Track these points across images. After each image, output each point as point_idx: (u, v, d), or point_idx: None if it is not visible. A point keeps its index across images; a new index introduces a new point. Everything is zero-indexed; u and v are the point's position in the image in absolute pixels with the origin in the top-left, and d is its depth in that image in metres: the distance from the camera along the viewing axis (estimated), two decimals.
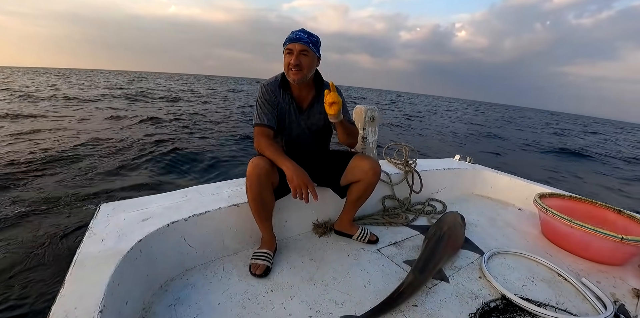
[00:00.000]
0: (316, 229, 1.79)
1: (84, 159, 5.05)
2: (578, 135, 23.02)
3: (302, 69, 1.45)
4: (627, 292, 1.50)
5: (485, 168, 2.88)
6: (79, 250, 1.09)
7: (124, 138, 6.74)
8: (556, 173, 8.53)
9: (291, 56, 1.44)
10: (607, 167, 10.51)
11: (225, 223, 1.50)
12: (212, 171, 5.25)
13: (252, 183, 1.35)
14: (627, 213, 1.99)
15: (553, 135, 19.58)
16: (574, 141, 17.20)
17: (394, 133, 12.26)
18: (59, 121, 8.55)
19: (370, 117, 2.24)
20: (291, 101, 1.57)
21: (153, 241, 1.24)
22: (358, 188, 1.62)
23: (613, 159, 12.32)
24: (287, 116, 1.58)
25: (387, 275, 1.46)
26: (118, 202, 1.47)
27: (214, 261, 1.47)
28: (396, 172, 2.29)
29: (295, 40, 1.43)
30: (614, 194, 7.01)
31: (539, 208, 1.99)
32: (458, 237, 1.74)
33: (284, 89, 1.55)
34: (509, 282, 1.49)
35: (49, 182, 3.92)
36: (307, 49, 1.44)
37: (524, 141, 14.78)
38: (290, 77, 1.48)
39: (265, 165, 1.36)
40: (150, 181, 4.28)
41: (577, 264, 1.74)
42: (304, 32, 1.46)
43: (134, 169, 4.81)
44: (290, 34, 1.46)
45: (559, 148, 12.97)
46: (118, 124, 8.56)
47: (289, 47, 1.44)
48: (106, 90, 21.35)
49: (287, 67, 1.46)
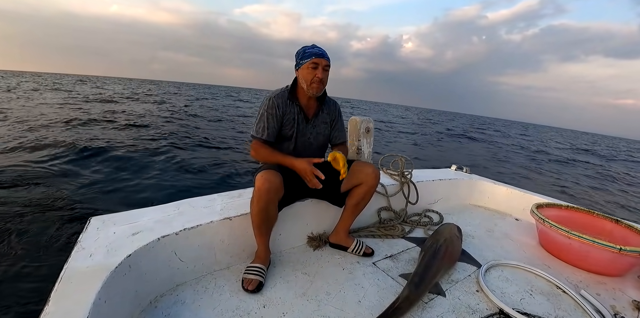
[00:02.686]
0: (311, 242, 1.77)
1: (66, 171, 4.99)
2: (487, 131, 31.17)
3: (324, 83, 1.56)
4: (627, 304, 1.48)
5: (482, 178, 2.87)
6: (67, 265, 1.07)
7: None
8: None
9: (316, 70, 1.51)
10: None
11: (218, 237, 1.47)
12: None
13: (260, 198, 1.34)
14: (625, 223, 1.98)
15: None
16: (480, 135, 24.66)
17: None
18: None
19: (365, 128, 2.25)
20: (299, 111, 1.63)
21: (143, 256, 1.22)
22: (359, 191, 1.64)
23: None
24: (296, 126, 1.63)
25: (383, 290, 1.43)
26: (108, 215, 1.45)
27: (205, 276, 1.44)
28: (392, 183, 2.28)
29: (321, 56, 1.51)
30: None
31: (536, 219, 1.98)
32: (455, 249, 1.72)
33: (293, 101, 1.61)
34: (506, 295, 1.46)
35: (37, 192, 3.88)
36: (329, 65, 1.55)
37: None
38: (311, 90, 1.55)
39: (276, 180, 1.37)
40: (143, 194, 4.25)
41: (575, 276, 1.71)
42: (322, 48, 1.55)
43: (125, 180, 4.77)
44: (313, 49, 1.53)
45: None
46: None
47: (315, 61, 1.50)
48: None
49: (311, 81, 1.53)
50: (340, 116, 1.80)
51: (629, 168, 15.56)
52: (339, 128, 1.78)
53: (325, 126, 1.73)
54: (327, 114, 1.73)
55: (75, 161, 5.44)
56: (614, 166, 15.50)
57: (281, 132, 1.62)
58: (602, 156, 21.28)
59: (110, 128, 9.02)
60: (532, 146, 20.57)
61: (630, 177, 12.06)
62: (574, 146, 26.64)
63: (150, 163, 5.78)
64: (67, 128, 8.39)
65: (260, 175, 1.37)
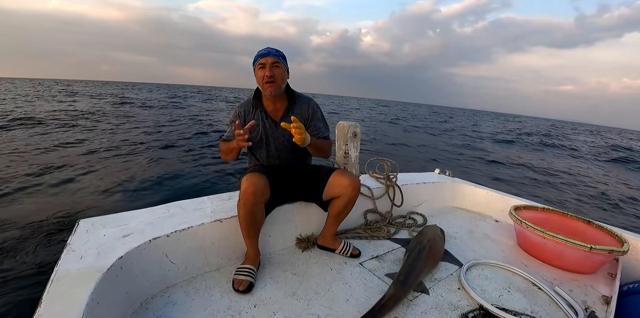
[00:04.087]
0: (299, 243, 1.80)
1: (55, 171, 4.87)
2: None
3: (276, 80, 1.53)
4: (598, 299, 1.57)
5: (464, 182, 2.98)
6: (57, 267, 1.07)
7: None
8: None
9: (264, 70, 1.51)
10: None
11: (208, 239, 1.49)
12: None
13: (247, 200, 1.36)
14: (596, 224, 2.10)
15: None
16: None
17: None
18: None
19: (353, 133, 2.31)
20: (266, 117, 1.63)
21: (134, 258, 1.23)
22: (339, 203, 1.65)
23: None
24: (264, 132, 1.64)
25: (369, 289, 1.48)
26: (98, 218, 1.45)
27: (196, 277, 1.45)
28: (378, 186, 2.34)
29: (266, 54, 1.51)
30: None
31: (514, 220, 2.07)
32: (438, 250, 1.79)
33: (257, 107, 1.63)
34: (486, 292, 1.53)
35: (22, 196, 3.77)
36: (278, 61, 1.53)
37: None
38: (266, 91, 1.55)
39: (261, 182, 1.38)
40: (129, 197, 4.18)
41: (550, 273, 1.81)
42: (271, 48, 1.55)
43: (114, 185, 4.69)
44: (259, 51, 1.54)
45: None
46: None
47: (261, 61, 1.51)
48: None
49: (262, 81, 1.53)
50: (315, 112, 1.70)
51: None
52: (314, 125, 1.68)
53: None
54: (299, 113, 1.66)
55: (57, 164, 5.31)
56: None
57: (250, 139, 1.53)
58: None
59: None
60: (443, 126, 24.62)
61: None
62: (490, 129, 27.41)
63: (134, 164, 5.69)
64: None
65: (245, 178, 1.40)
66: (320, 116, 1.75)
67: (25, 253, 2.56)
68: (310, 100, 1.73)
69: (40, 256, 2.52)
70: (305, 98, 1.73)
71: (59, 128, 9.29)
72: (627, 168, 12.28)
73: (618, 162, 13.51)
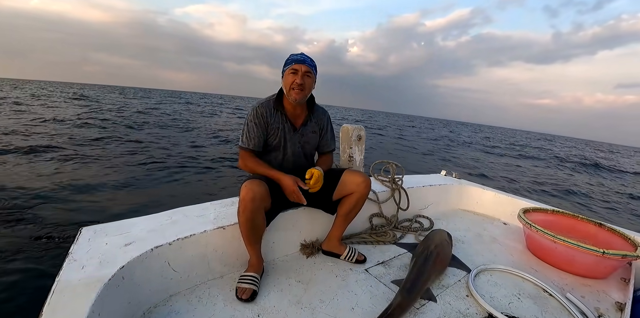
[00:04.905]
0: (304, 249, 1.78)
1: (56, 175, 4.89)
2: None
3: (304, 89, 1.52)
4: (611, 306, 1.53)
5: (471, 183, 2.93)
6: (58, 277, 1.06)
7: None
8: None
9: (295, 76, 1.50)
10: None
11: (211, 246, 1.48)
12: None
13: (245, 207, 1.34)
14: (608, 226, 2.05)
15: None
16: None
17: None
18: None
19: (357, 136, 2.28)
20: (285, 120, 1.62)
21: (136, 267, 1.21)
22: (350, 200, 1.65)
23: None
24: (282, 135, 1.62)
25: (375, 296, 1.45)
26: (100, 225, 1.44)
27: (199, 285, 1.44)
28: (383, 190, 2.31)
29: (302, 61, 1.50)
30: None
31: (523, 224, 2.03)
32: (445, 255, 1.75)
33: (278, 109, 1.60)
34: (495, 299, 1.50)
35: (26, 204, 3.80)
36: (311, 72, 1.53)
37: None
38: (291, 97, 1.53)
39: (260, 189, 1.36)
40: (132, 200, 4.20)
41: (562, 279, 1.76)
42: (306, 55, 1.54)
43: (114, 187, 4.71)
44: (294, 56, 1.53)
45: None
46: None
47: (295, 67, 1.50)
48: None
49: (290, 87, 1.51)
50: (329, 124, 1.79)
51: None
52: (327, 137, 1.78)
53: (314, 136, 1.72)
54: (316, 123, 1.72)
55: (56, 169, 5.35)
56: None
57: (267, 141, 1.62)
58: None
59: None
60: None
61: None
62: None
63: (137, 172, 5.72)
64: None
65: (244, 185, 1.38)
66: (331, 128, 1.82)
67: (28, 262, 2.57)
68: (325, 112, 1.78)
69: (42, 266, 2.53)
70: (321, 109, 1.75)
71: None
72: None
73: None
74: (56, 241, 2.92)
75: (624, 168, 19.32)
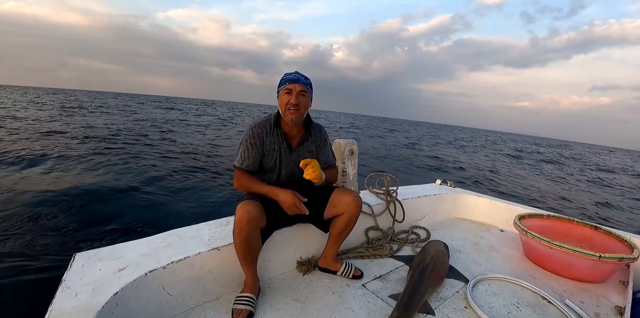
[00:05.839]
0: (300, 267, 1.77)
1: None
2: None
3: (300, 109, 1.52)
4: (610, 310, 1.52)
5: (466, 191, 2.94)
6: (51, 306, 1.05)
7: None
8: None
9: (290, 96, 1.50)
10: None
11: (206, 268, 1.47)
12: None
13: (241, 229, 1.34)
14: (604, 229, 2.05)
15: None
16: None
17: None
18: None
19: (350, 150, 2.31)
20: (282, 141, 1.60)
21: (130, 293, 1.21)
22: (341, 221, 1.63)
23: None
24: (278, 156, 1.60)
25: (373, 312, 1.44)
26: (94, 251, 1.43)
27: (194, 308, 1.42)
28: (378, 203, 2.32)
29: (295, 81, 1.50)
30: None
31: (519, 230, 2.03)
32: (442, 267, 1.75)
33: (276, 129, 1.59)
34: (494, 309, 1.49)
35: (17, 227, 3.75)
36: (306, 90, 1.53)
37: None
38: (287, 117, 1.53)
39: (255, 210, 1.36)
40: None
41: (560, 285, 1.76)
42: (300, 74, 1.55)
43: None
44: (288, 75, 1.53)
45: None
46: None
47: (289, 87, 1.50)
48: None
49: (285, 107, 1.51)
50: (325, 140, 1.75)
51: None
52: (325, 152, 1.74)
53: (311, 155, 1.68)
54: (312, 142, 1.69)
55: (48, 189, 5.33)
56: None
57: (262, 163, 1.60)
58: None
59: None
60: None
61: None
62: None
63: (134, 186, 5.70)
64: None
65: (239, 206, 1.37)
66: (329, 143, 1.79)
67: (20, 290, 2.53)
68: (321, 128, 1.76)
69: (35, 294, 2.49)
70: (317, 126, 1.74)
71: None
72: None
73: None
74: (48, 267, 2.88)
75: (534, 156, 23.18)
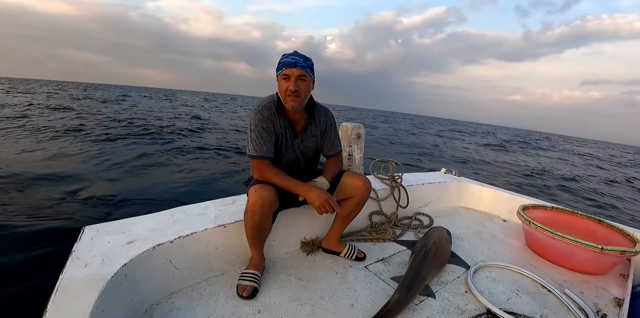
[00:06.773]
0: (304, 247, 1.79)
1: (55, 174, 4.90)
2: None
3: (300, 95, 1.40)
4: (609, 302, 1.54)
5: (471, 181, 2.94)
6: (62, 275, 1.07)
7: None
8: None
9: (288, 82, 1.37)
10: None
11: (212, 244, 1.49)
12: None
13: (254, 213, 1.33)
14: (607, 223, 2.05)
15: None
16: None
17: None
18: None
19: (356, 134, 2.29)
20: (287, 125, 1.52)
21: (138, 265, 1.23)
22: (350, 204, 1.63)
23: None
24: (283, 141, 1.53)
25: (375, 293, 1.47)
26: (102, 224, 1.46)
27: (200, 283, 1.45)
28: (383, 187, 2.32)
29: (292, 65, 1.36)
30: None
31: (522, 220, 2.04)
32: (444, 252, 1.76)
33: (280, 113, 1.49)
34: (494, 295, 1.51)
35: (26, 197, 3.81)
36: (305, 74, 1.39)
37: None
38: (287, 104, 1.42)
39: (270, 196, 1.33)
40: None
41: (560, 275, 1.77)
42: (299, 55, 1.40)
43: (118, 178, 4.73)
44: (285, 58, 1.39)
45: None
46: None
47: (286, 72, 1.37)
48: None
49: (284, 94, 1.40)
50: (332, 125, 1.65)
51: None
52: (330, 139, 1.65)
53: (315, 139, 1.61)
54: (317, 126, 1.60)
55: (60, 167, 5.37)
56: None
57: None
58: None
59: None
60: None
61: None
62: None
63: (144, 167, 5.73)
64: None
65: (253, 190, 1.33)
66: (335, 128, 1.69)
67: (31, 260, 2.59)
68: (328, 111, 1.64)
69: (46, 264, 2.55)
70: (323, 109, 1.62)
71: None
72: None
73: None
74: (58, 239, 2.94)
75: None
